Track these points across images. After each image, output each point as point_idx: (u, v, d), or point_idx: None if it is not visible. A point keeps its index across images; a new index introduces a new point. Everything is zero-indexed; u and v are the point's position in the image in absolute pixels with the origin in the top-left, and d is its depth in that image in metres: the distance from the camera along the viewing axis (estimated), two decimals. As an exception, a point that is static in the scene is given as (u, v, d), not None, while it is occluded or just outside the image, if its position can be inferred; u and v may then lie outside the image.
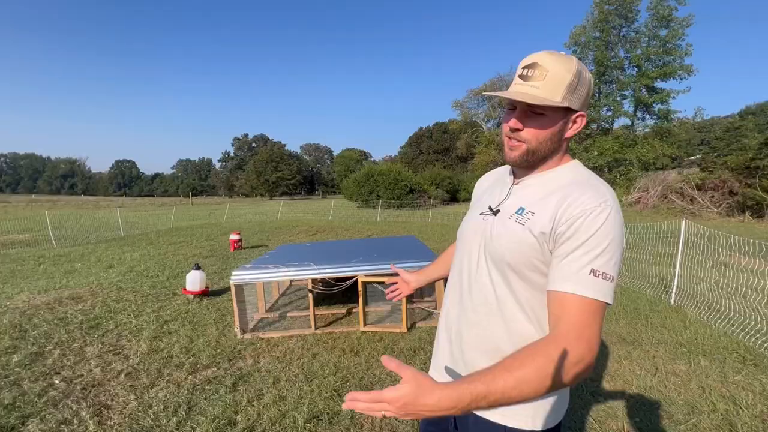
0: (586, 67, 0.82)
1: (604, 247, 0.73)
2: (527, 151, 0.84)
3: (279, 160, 60.17)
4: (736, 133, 36.36)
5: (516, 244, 0.82)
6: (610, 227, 0.73)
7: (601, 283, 0.72)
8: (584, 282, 0.72)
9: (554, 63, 0.79)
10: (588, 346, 0.69)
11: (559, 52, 0.82)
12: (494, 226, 0.88)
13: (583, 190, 0.78)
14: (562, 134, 0.84)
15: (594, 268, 0.72)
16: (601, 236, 0.73)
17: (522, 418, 0.84)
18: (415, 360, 3.08)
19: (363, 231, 12.22)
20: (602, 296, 0.72)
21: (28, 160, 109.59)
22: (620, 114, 25.86)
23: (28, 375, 2.92)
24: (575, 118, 0.83)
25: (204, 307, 4.56)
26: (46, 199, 51.30)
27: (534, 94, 0.79)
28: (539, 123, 0.81)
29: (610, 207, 0.75)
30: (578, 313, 0.71)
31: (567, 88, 0.79)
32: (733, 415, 2.32)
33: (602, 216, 0.74)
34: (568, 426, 2.24)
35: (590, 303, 0.71)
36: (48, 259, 7.84)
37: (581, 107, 0.82)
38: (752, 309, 3.94)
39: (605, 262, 0.73)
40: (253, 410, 2.43)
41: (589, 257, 0.73)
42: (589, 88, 0.82)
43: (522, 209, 0.84)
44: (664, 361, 3.03)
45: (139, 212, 25.33)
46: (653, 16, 23.76)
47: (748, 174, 14.69)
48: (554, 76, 0.78)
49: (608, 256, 0.73)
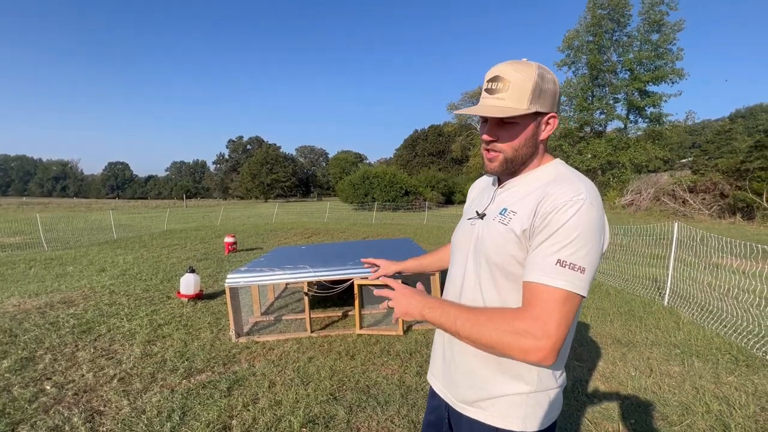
0: (549, 70, 0.84)
1: (572, 239, 0.74)
2: (505, 160, 0.87)
3: (274, 162, 59.93)
4: (727, 136, 36.91)
5: (500, 243, 0.84)
6: (579, 220, 0.74)
7: (569, 274, 0.73)
8: (550, 271, 0.73)
9: (515, 72, 0.81)
10: (542, 327, 0.71)
11: (520, 60, 0.85)
12: (481, 229, 0.91)
13: (560, 185, 0.80)
14: (536, 138, 0.86)
15: (561, 259, 0.73)
16: (569, 228, 0.74)
17: (513, 420, 0.85)
18: (411, 363, 3.08)
19: (358, 233, 12.20)
20: (569, 286, 0.72)
21: (19, 162, 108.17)
22: (613, 117, 26.17)
23: (19, 380, 2.87)
24: (547, 120, 0.85)
25: (198, 310, 4.52)
26: (37, 202, 50.65)
27: (501, 106, 0.82)
28: (512, 132, 0.84)
29: (582, 201, 0.75)
30: (543, 300, 0.73)
31: (531, 93, 0.81)
32: (727, 415, 2.34)
33: (573, 209, 0.75)
34: (564, 427, 2.25)
35: (554, 291, 0.73)
36: (39, 262, 7.74)
37: (551, 108, 0.84)
38: (744, 310, 3.98)
39: (572, 253, 0.73)
40: (248, 415, 2.41)
41: (556, 248, 0.74)
42: (555, 88, 0.84)
43: (505, 210, 0.87)
44: (659, 362, 3.05)
45: (132, 215, 25.09)
46: (645, 20, 24.12)
47: (739, 176, 14.91)
48: (517, 85, 0.81)
49: (576, 247, 0.73)
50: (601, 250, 0.78)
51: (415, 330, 3.77)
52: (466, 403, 0.91)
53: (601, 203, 0.80)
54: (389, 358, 3.19)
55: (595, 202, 0.78)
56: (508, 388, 0.86)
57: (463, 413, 0.92)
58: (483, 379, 0.88)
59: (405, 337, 3.60)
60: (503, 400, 0.86)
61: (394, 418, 2.36)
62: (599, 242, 0.77)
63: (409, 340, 3.53)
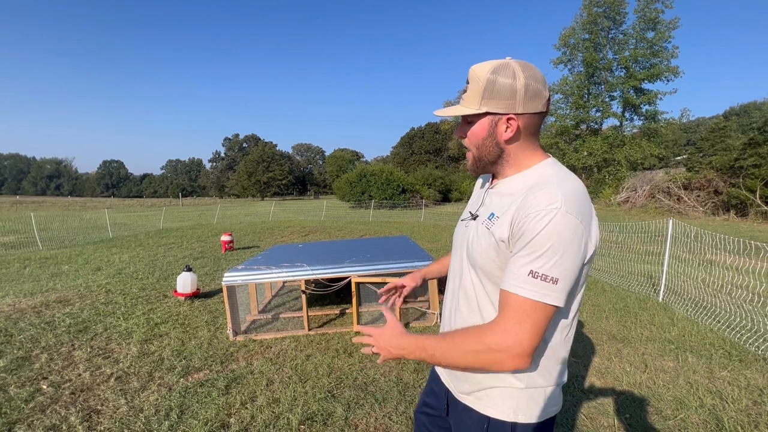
0: (519, 68, 0.81)
1: (545, 250, 0.74)
2: (474, 158, 0.91)
3: (270, 161, 59.72)
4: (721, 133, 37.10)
5: (484, 248, 0.87)
6: (552, 230, 0.74)
7: (540, 284, 0.74)
8: (523, 282, 0.75)
9: (474, 74, 0.84)
10: (514, 339, 0.75)
11: (491, 60, 0.84)
12: (472, 232, 0.94)
13: (537, 192, 0.78)
14: (494, 138, 0.86)
15: (533, 270, 0.74)
16: (542, 239, 0.74)
17: (504, 410, 0.88)
18: (408, 360, 3.08)
19: (355, 231, 12.20)
20: (539, 297, 0.74)
21: (12, 161, 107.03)
22: (609, 115, 26.28)
23: (15, 380, 2.86)
24: (506, 120, 0.83)
25: (195, 309, 4.51)
26: (31, 200, 50.20)
27: (460, 107, 0.86)
28: (471, 131, 0.88)
29: (555, 210, 0.74)
30: (515, 309, 0.76)
31: (481, 95, 0.83)
32: (720, 409, 2.37)
33: (545, 219, 0.74)
34: (560, 422, 2.27)
35: (525, 301, 0.75)
36: (34, 261, 7.68)
37: (507, 109, 0.82)
38: (737, 306, 4.03)
39: (544, 264, 0.74)
40: (246, 413, 2.42)
41: (529, 258, 0.75)
42: (511, 91, 0.81)
43: (492, 215, 0.88)
44: (653, 357, 3.09)
45: (127, 213, 24.94)
46: (641, 18, 24.22)
47: (732, 174, 15.02)
48: (472, 86, 0.84)
49: (548, 258, 0.74)
50: (582, 255, 0.77)
51: (412, 327, 3.79)
52: (464, 392, 0.95)
53: (583, 208, 0.78)
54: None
55: (572, 209, 0.75)
56: (501, 382, 0.88)
57: (461, 401, 0.96)
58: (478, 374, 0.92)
59: (402, 335, 3.61)
60: (497, 391, 0.89)
61: (391, 415, 2.37)
62: (576, 250, 0.75)
63: (407, 338, 3.54)
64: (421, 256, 3.93)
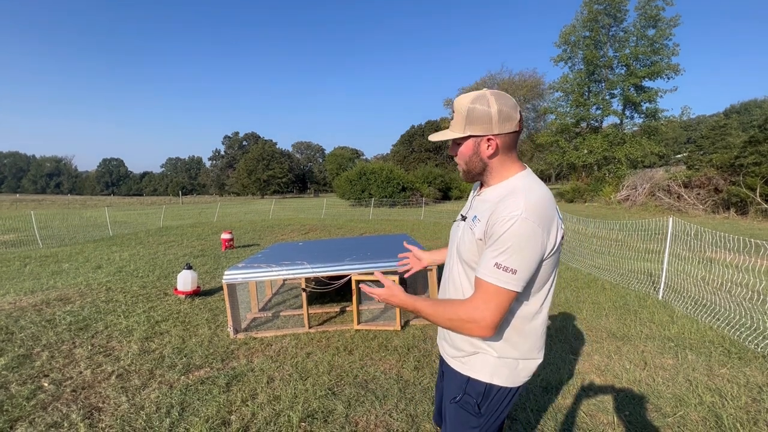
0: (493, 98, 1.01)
1: (507, 247, 0.94)
2: (463, 171, 1.12)
3: (270, 159, 59.67)
4: (721, 131, 37.09)
5: (468, 245, 1.08)
6: (512, 234, 0.94)
7: (502, 274, 0.94)
8: (489, 271, 0.96)
9: (458, 103, 1.05)
10: (479, 314, 0.96)
11: (475, 91, 1.05)
12: (461, 231, 1.14)
13: (506, 201, 0.99)
14: (479, 155, 1.07)
15: (497, 262, 0.95)
16: (505, 239, 0.94)
17: (482, 374, 1.09)
18: (408, 357, 3.10)
19: (356, 229, 12.20)
20: (500, 284, 0.95)
21: (12, 159, 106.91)
22: (609, 113, 26.21)
23: (16, 378, 2.86)
24: (487, 140, 1.04)
25: (196, 307, 4.52)
26: (31, 199, 50.20)
27: (449, 132, 1.08)
28: (460, 151, 1.09)
29: (516, 217, 0.94)
30: (482, 292, 0.98)
31: (464, 121, 1.04)
32: (719, 407, 2.38)
33: (507, 224, 0.94)
34: (560, 420, 2.28)
35: (490, 286, 0.96)
36: (34, 259, 7.69)
37: (486, 131, 1.02)
38: (737, 303, 4.04)
39: (506, 258, 0.94)
40: (247, 410, 2.43)
41: (495, 253, 0.96)
42: (488, 116, 1.01)
43: (475, 217, 1.09)
44: (653, 355, 3.09)
45: (127, 211, 24.95)
46: (641, 15, 24.12)
47: (733, 172, 14.99)
48: (456, 115, 1.06)
49: (509, 254, 0.94)
50: (540, 253, 0.96)
51: (412, 325, 3.80)
52: (452, 357, 1.18)
53: (543, 214, 0.97)
54: (387, 353, 3.21)
55: (531, 215, 0.94)
56: (481, 350, 1.10)
57: (449, 365, 1.18)
58: (461, 340, 1.13)
59: (403, 332, 3.62)
60: (477, 357, 1.11)
61: (392, 412, 2.38)
62: (533, 249, 0.95)
63: (407, 335, 3.55)
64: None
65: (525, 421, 2.28)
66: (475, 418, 1.11)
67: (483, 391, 1.09)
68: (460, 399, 1.12)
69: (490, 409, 1.10)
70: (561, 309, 4.23)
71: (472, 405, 1.10)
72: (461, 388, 1.12)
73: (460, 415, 1.13)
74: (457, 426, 1.14)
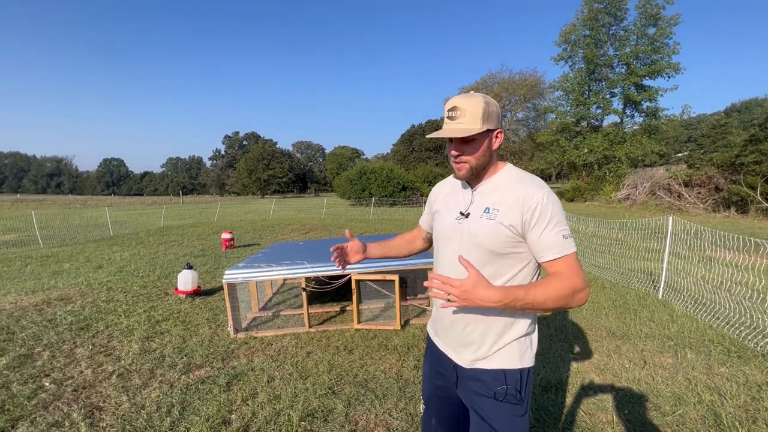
0: (492, 100, 1.13)
1: (559, 219, 1.08)
2: (471, 168, 1.15)
3: (271, 158, 59.67)
4: (722, 130, 37.04)
5: (496, 235, 1.12)
6: (553, 208, 1.08)
7: (569, 242, 1.08)
8: (564, 245, 1.07)
9: (468, 102, 1.11)
10: (583, 279, 1.06)
11: (469, 93, 1.13)
12: (471, 225, 1.17)
13: (527, 186, 1.10)
14: (490, 149, 1.15)
15: (563, 234, 1.07)
16: (552, 214, 1.07)
17: (513, 361, 1.14)
18: (408, 356, 3.11)
19: (356, 229, 12.21)
20: (574, 248, 1.09)
21: (13, 159, 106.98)
22: (609, 111, 26.19)
23: (17, 377, 2.87)
24: (496, 134, 1.15)
25: (196, 306, 4.53)
26: (32, 199, 50.27)
27: (462, 128, 1.10)
28: (473, 146, 1.13)
29: (546, 194, 1.08)
30: (570, 264, 1.07)
31: (482, 116, 1.09)
32: (718, 405, 2.38)
33: (550, 200, 1.08)
34: (560, 419, 2.29)
35: (572, 255, 1.08)
36: (35, 259, 7.71)
37: (497, 125, 1.14)
38: (736, 302, 4.04)
39: (563, 228, 1.08)
40: (247, 409, 2.43)
41: (557, 229, 1.07)
42: (497, 112, 1.13)
43: (488, 209, 1.15)
44: (652, 354, 3.10)
45: (128, 211, 24.97)
46: (642, 14, 24.08)
47: (733, 170, 14.97)
48: (471, 111, 1.10)
49: (563, 223, 1.09)
50: None
51: (412, 324, 3.80)
52: (477, 359, 1.17)
53: None
54: (387, 352, 3.22)
55: (549, 189, 1.11)
56: (507, 337, 1.14)
57: (469, 368, 1.18)
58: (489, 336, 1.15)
59: (403, 332, 3.62)
60: (504, 349, 1.15)
61: (392, 411, 2.39)
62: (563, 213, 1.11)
63: (407, 335, 3.55)
64: (421, 254, 3.93)
65: (524, 419, 2.28)
66: (520, 406, 1.15)
67: (519, 377, 1.14)
68: (504, 393, 1.14)
69: (527, 392, 1.17)
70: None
71: (514, 394, 1.14)
72: (501, 382, 1.14)
73: (507, 409, 1.14)
74: (507, 421, 1.15)
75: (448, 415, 1.34)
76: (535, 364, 1.21)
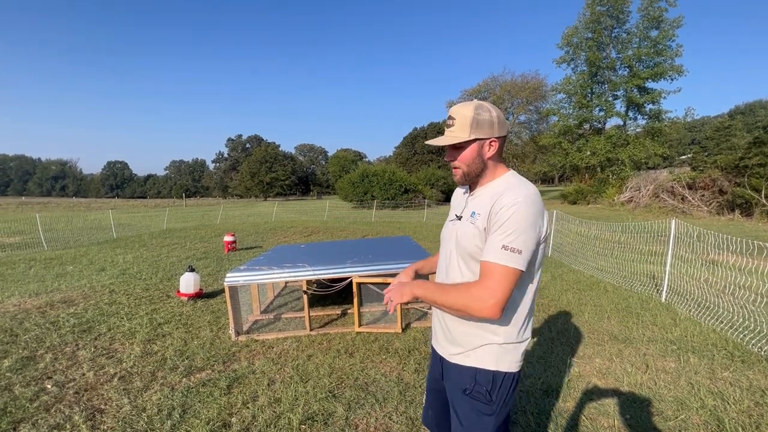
0: (490, 106, 1.15)
1: (512, 230, 1.04)
2: (463, 173, 1.20)
3: (273, 161, 59.84)
4: (726, 132, 36.88)
5: (471, 238, 1.17)
6: (516, 218, 1.04)
7: (509, 254, 1.03)
8: (498, 253, 1.04)
9: (460, 111, 1.15)
10: (490, 293, 1.03)
11: (469, 101, 1.16)
12: (459, 229, 1.23)
13: (505, 193, 1.10)
14: (482, 156, 1.17)
15: (504, 244, 1.04)
16: (510, 223, 1.04)
17: (489, 363, 1.17)
18: (409, 360, 3.10)
19: (358, 231, 12.22)
20: (509, 263, 1.03)
21: (18, 162, 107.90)
22: (612, 114, 26.11)
23: (20, 380, 2.89)
24: (489, 143, 1.15)
25: (198, 309, 4.54)
26: (36, 201, 50.62)
27: (451, 136, 1.16)
28: (462, 154, 1.17)
29: (518, 204, 1.05)
30: (492, 273, 1.05)
31: (470, 126, 1.13)
32: (721, 410, 2.36)
33: (511, 210, 1.05)
34: (561, 423, 2.28)
35: (498, 266, 1.04)
36: (39, 262, 7.75)
37: (490, 134, 1.14)
38: (740, 306, 4.01)
39: (512, 240, 1.04)
40: (247, 412, 2.43)
41: (501, 237, 1.05)
42: (491, 121, 1.13)
43: (474, 213, 1.18)
44: (655, 358, 3.08)
45: (131, 214, 25.10)
46: (644, 17, 24.04)
47: (738, 173, 14.88)
48: (460, 120, 1.14)
49: (514, 236, 1.04)
50: (537, 236, 1.07)
51: (413, 327, 3.80)
52: (454, 354, 1.23)
53: (537, 204, 1.08)
54: (388, 355, 3.21)
55: (531, 202, 1.06)
56: (484, 340, 1.17)
57: (452, 362, 1.24)
58: (467, 336, 1.20)
59: (404, 335, 3.62)
60: (480, 349, 1.18)
61: (392, 415, 2.38)
62: (532, 231, 1.06)
63: (408, 338, 3.55)
64: (423, 257, 3.93)
65: (525, 424, 2.27)
66: (487, 406, 1.17)
67: (491, 378, 1.16)
68: (471, 390, 1.18)
69: (500, 396, 1.17)
70: (563, 311, 4.21)
71: (483, 393, 1.17)
72: (471, 379, 1.18)
73: (473, 404, 1.19)
74: (471, 416, 1.20)
75: (440, 406, 1.40)
76: (519, 374, 1.22)
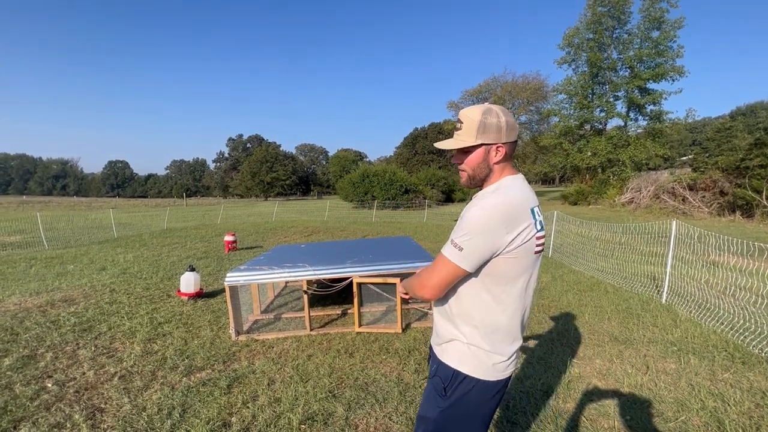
0: (500, 111, 1.15)
1: (465, 232, 1.09)
2: (468, 177, 1.22)
3: (274, 161, 59.90)
4: (727, 133, 36.83)
5: None
6: (469, 219, 1.09)
7: (451, 248, 1.11)
8: (446, 246, 1.13)
9: (467, 116, 1.16)
10: (427, 276, 1.18)
11: (479, 105, 1.17)
12: None
13: (483, 197, 1.13)
14: (487, 161, 1.18)
15: (453, 239, 1.11)
16: (463, 223, 1.10)
17: (452, 360, 1.20)
18: (409, 360, 3.10)
19: (358, 232, 12.22)
20: (448, 255, 1.12)
21: (19, 161, 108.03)
22: (613, 115, 26.07)
23: (20, 378, 2.89)
24: (496, 148, 1.16)
25: (198, 308, 4.54)
26: (37, 200, 50.69)
27: (458, 140, 1.18)
28: (469, 157, 1.19)
29: (482, 209, 1.08)
30: (436, 260, 1.17)
31: (476, 131, 1.14)
32: (722, 412, 2.36)
33: (470, 212, 1.10)
34: (561, 425, 2.27)
35: (441, 256, 1.14)
36: (39, 261, 7.76)
37: (496, 140, 1.14)
38: (741, 308, 4.00)
39: (459, 237, 1.09)
40: (247, 412, 2.44)
41: (454, 233, 1.12)
42: (498, 126, 1.13)
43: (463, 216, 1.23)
44: (655, 359, 3.07)
45: (132, 213, 25.12)
46: (645, 18, 24.00)
47: (738, 174, 14.85)
48: (468, 125, 1.16)
49: (464, 236, 1.08)
50: (492, 245, 1.07)
51: (414, 328, 3.80)
52: (436, 344, 1.31)
53: (507, 213, 1.08)
54: (388, 355, 3.21)
55: (494, 209, 1.08)
56: (451, 335, 1.22)
57: (434, 350, 1.31)
58: (441, 328, 1.27)
59: (404, 335, 3.62)
60: (450, 344, 1.22)
61: (392, 415, 2.38)
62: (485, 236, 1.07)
63: (408, 338, 3.55)
64: (423, 257, 3.93)
65: (525, 424, 2.27)
66: (440, 399, 1.20)
67: (450, 375, 1.19)
68: (432, 378, 1.27)
69: (456, 395, 1.18)
70: (563, 312, 4.21)
71: (439, 387, 1.21)
72: (435, 369, 1.26)
73: (430, 393, 1.25)
74: (425, 401, 1.28)
75: None
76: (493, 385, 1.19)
